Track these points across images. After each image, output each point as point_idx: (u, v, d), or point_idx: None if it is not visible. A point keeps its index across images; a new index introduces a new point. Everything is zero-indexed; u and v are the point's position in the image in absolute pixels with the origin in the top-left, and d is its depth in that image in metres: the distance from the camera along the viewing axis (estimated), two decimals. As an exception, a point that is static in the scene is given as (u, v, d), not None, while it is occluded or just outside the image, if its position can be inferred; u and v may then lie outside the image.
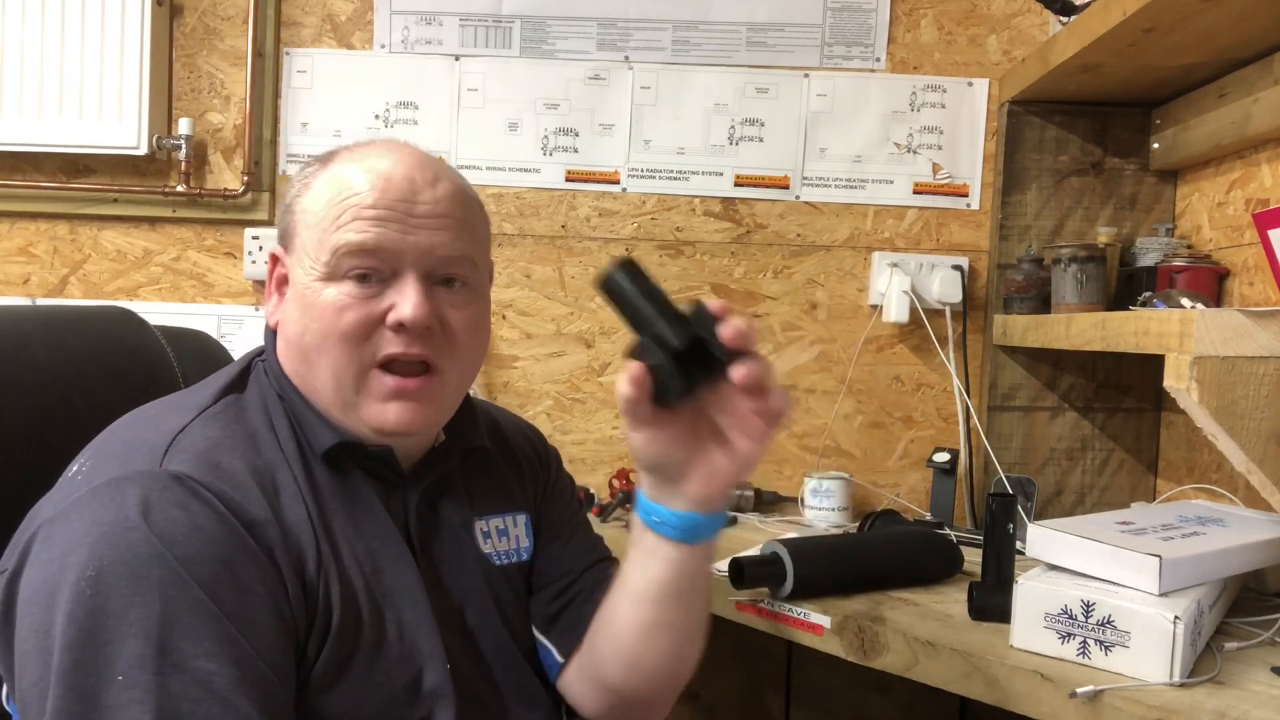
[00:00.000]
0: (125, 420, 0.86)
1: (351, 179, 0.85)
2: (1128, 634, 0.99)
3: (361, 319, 0.83)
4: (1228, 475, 1.50)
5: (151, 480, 0.74)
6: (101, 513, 0.72)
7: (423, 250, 0.84)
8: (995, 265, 1.84)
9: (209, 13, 1.94)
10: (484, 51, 1.93)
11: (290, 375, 0.88)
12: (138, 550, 0.71)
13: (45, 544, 0.73)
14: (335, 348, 0.84)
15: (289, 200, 0.90)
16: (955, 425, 1.89)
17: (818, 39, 1.92)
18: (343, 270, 0.83)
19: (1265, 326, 1.02)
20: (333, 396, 0.85)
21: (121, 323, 1.11)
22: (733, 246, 1.94)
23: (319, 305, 0.83)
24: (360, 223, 0.83)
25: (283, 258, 0.89)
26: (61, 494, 0.77)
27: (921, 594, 1.28)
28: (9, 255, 1.96)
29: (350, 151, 0.89)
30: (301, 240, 0.86)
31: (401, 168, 0.86)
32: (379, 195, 0.84)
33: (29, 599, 0.72)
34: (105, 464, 0.77)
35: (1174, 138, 1.68)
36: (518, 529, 1.01)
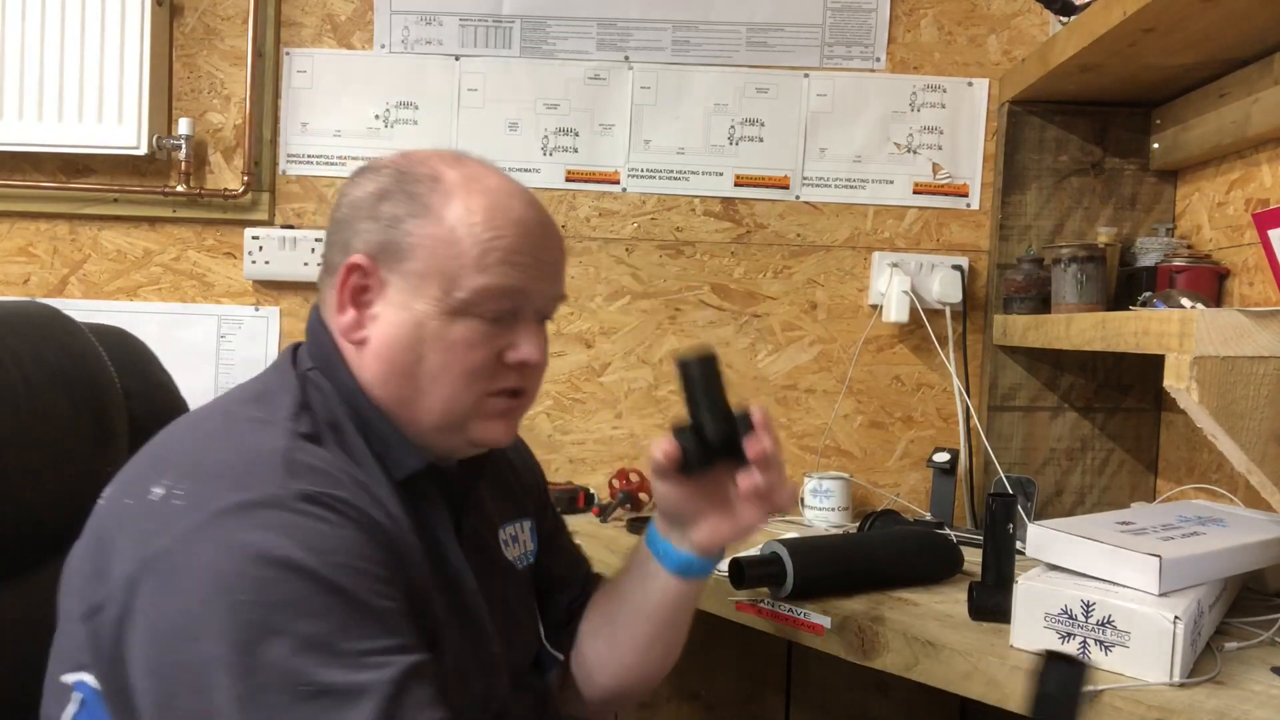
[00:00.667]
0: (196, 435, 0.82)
1: (492, 219, 0.85)
2: (1128, 634, 0.99)
3: (488, 357, 0.87)
4: (1228, 475, 1.50)
5: (285, 499, 0.73)
6: (242, 536, 0.70)
7: (545, 296, 0.90)
8: (995, 265, 1.84)
9: (209, 13, 1.94)
10: (484, 51, 1.93)
11: (380, 397, 0.87)
12: (292, 566, 0.69)
13: (170, 577, 0.70)
14: (459, 381, 0.86)
15: (391, 214, 0.86)
16: (955, 425, 1.89)
17: (818, 39, 1.92)
18: (477, 309, 0.85)
19: (1265, 326, 1.02)
20: (439, 420, 0.87)
21: (50, 321, 1.03)
22: (733, 246, 1.94)
23: (445, 340, 0.85)
24: (505, 267, 0.85)
25: (376, 273, 0.86)
26: (159, 521, 0.73)
27: (921, 594, 1.28)
28: (9, 255, 1.96)
29: (464, 177, 0.87)
30: (423, 267, 0.84)
31: (531, 210, 0.89)
32: (522, 241, 0.86)
33: (168, 635, 0.69)
34: (213, 487, 0.74)
35: (1174, 138, 1.68)
36: (525, 534, 1.05)
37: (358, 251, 0.86)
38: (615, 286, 1.94)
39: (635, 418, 1.95)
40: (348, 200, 0.89)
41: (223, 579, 0.68)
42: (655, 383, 1.94)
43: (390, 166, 0.90)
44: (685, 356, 0.94)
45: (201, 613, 0.68)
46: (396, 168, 0.89)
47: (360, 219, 0.87)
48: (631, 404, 1.95)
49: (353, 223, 0.88)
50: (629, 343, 1.94)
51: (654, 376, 1.94)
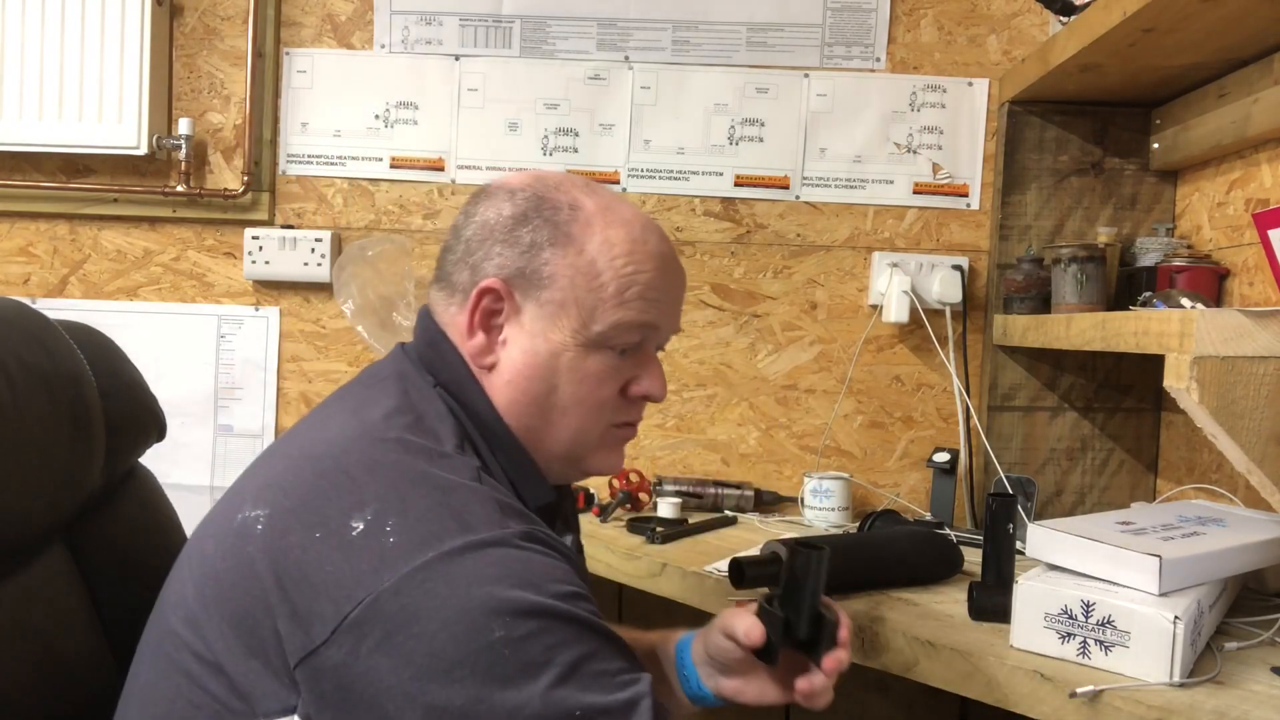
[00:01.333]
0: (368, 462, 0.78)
1: (632, 255, 0.87)
2: (1128, 634, 0.99)
3: (616, 391, 0.89)
4: (1228, 475, 1.50)
5: (511, 539, 0.73)
6: (480, 572, 0.70)
7: (671, 330, 0.93)
8: (995, 265, 1.84)
9: (209, 13, 1.94)
10: (484, 51, 1.93)
11: (514, 424, 0.87)
12: (534, 600, 0.70)
13: (411, 618, 0.68)
14: (589, 413, 0.88)
15: (530, 240, 0.85)
16: (955, 425, 1.89)
17: (818, 39, 1.92)
18: (611, 342, 0.86)
19: (1265, 326, 1.02)
20: (566, 449, 0.89)
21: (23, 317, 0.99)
22: (733, 246, 1.94)
23: (580, 371, 0.86)
24: (642, 303, 0.87)
25: (511, 298, 0.86)
26: (371, 560, 0.70)
27: (921, 594, 1.28)
28: (9, 255, 1.96)
29: (602, 208, 0.88)
30: (562, 297, 0.85)
31: (664, 245, 0.90)
32: (658, 277, 0.88)
33: (418, 678, 0.68)
34: (431, 526, 0.72)
35: (1174, 138, 1.68)
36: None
37: (491, 275, 0.85)
38: (615, 286, 1.94)
39: (635, 418, 1.94)
40: (478, 220, 0.88)
41: (469, 619, 0.68)
42: (655, 383, 1.94)
43: (527, 190, 0.88)
44: (803, 548, 0.94)
45: (455, 655, 0.68)
46: (534, 192, 0.88)
47: (494, 241, 0.86)
48: (631, 404, 1.94)
49: (486, 244, 0.86)
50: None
51: (654, 376, 1.94)
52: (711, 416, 1.95)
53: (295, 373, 1.96)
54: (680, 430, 1.95)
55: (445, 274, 0.90)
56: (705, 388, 1.94)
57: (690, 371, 1.94)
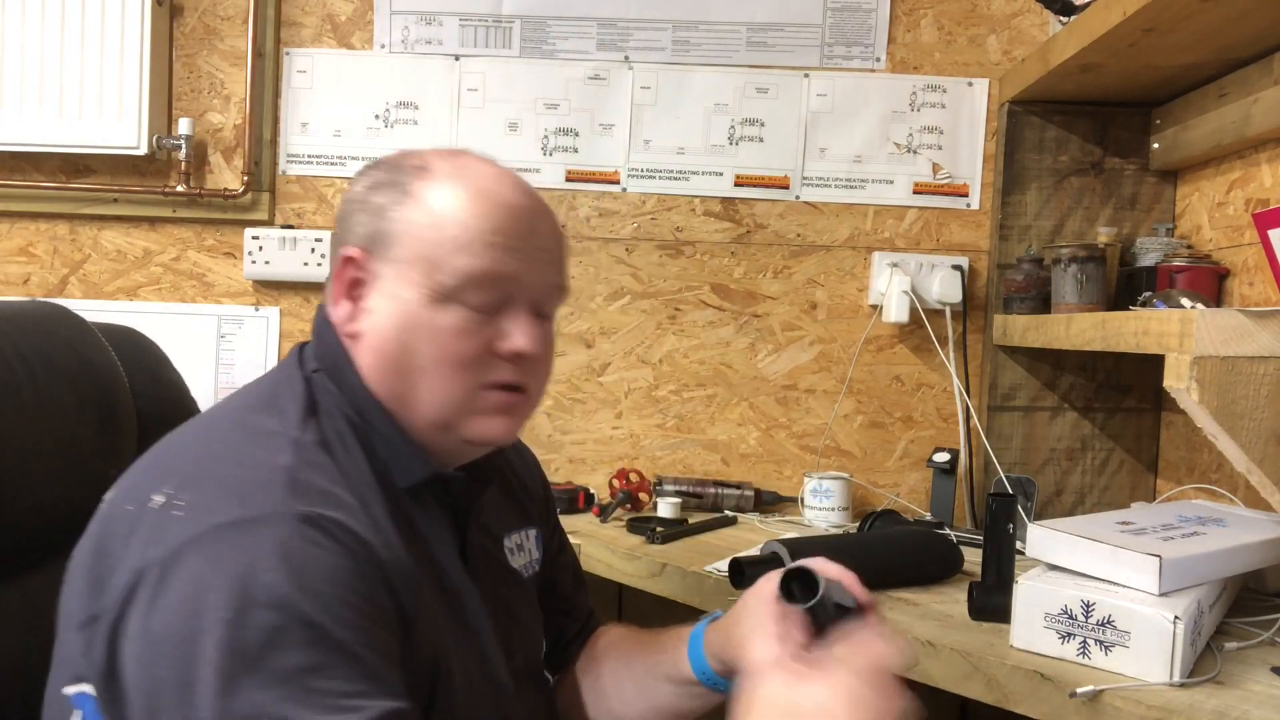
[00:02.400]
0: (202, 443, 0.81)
1: (476, 202, 0.84)
2: (1128, 634, 0.99)
3: (477, 345, 0.84)
4: (1228, 475, 1.50)
5: (283, 521, 0.71)
6: (233, 554, 0.68)
7: (539, 285, 0.86)
8: (995, 265, 1.84)
9: (209, 13, 1.94)
10: (484, 51, 1.93)
11: (382, 394, 0.85)
12: (276, 593, 0.67)
13: (162, 587, 0.69)
14: (450, 372, 0.83)
15: (379, 204, 0.85)
16: (955, 425, 1.89)
17: (818, 39, 1.92)
18: (460, 295, 0.83)
19: (1265, 326, 1.02)
20: (435, 414, 0.84)
21: (60, 321, 1.03)
22: (733, 246, 1.94)
23: (433, 328, 0.82)
24: (491, 250, 0.83)
25: (367, 263, 0.85)
26: (157, 529, 0.72)
27: (921, 594, 1.28)
28: (9, 255, 1.96)
29: (453, 166, 0.87)
30: (406, 253, 0.83)
31: (519, 195, 0.86)
32: (508, 224, 0.84)
33: (155, 646, 0.68)
34: (214, 500, 0.72)
35: (1174, 138, 1.68)
36: (530, 542, 1.04)
37: (350, 244, 0.86)
38: (615, 286, 1.94)
39: (635, 418, 1.95)
40: (346, 197, 0.90)
41: (210, 597, 0.67)
42: (655, 383, 1.94)
43: (386, 161, 0.89)
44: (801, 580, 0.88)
45: (186, 631, 0.67)
46: (391, 162, 0.89)
47: (354, 213, 0.87)
48: (631, 404, 1.95)
49: (348, 217, 0.88)
50: (629, 343, 1.94)
51: (654, 376, 1.94)
52: (711, 416, 1.95)
53: (295, 373, 1.96)
54: (680, 430, 1.95)
55: (330, 258, 0.92)
56: (705, 388, 1.95)
57: (690, 371, 1.94)
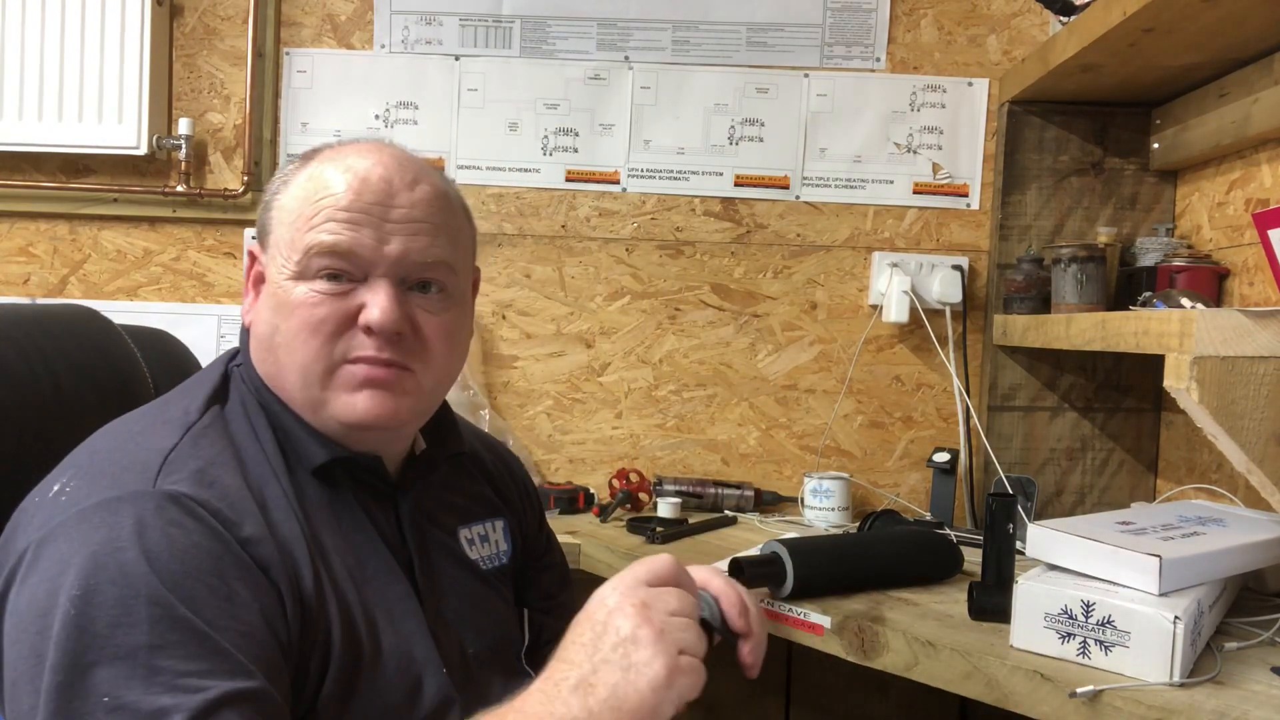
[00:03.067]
0: (105, 436, 0.82)
1: (328, 178, 0.85)
2: (1128, 634, 0.99)
3: (332, 316, 0.83)
4: (1228, 475, 1.50)
5: (146, 499, 0.72)
6: (92, 533, 0.70)
7: (396, 254, 0.84)
8: (995, 265, 1.84)
9: (209, 13, 1.94)
10: (484, 51, 1.93)
11: (264, 377, 0.87)
12: (127, 570, 0.68)
13: (33, 567, 0.71)
14: (305, 344, 0.83)
15: (268, 197, 0.89)
16: (955, 425, 1.89)
17: (818, 39, 1.92)
18: (313, 270, 0.83)
19: (1265, 326, 1.02)
20: (301, 396, 0.84)
21: (86, 322, 1.07)
22: (733, 246, 1.94)
23: (290, 303, 0.83)
24: (333, 224, 0.83)
25: (259, 255, 0.89)
26: (45, 515, 0.74)
27: (921, 594, 1.28)
28: (9, 255, 1.96)
29: (332, 150, 0.89)
30: (276, 238, 0.86)
31: (379, 168, 0.85)
32: (354, 196, 0.83)
33: (18, 624, 0.69)
34: (93, 484, 0.74)
35: (1174, 138, 1.68)
36: (496, 534, 1.03)
37: (254, 239, 0.90)
38: (615, 286, 1.94)
39: (635, 418, 1.95)
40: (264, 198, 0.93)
41: (64, 574, 0.68)
42: (655, 383, 1.94)
43: (293, 158, 0.92)
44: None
45: (43, 607, 0.68)
46: (295, 158, 0.92)
47: (261, 210, 0.91)
48: (631, 404, 1.95)
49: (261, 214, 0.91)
50: (629, 343, 1.94)
51: (654, 376, 1.94)
52: (711, 416, 1.95)
53: (295, 373, 1.96)
54: (680, 430, 1.95)
55: None
56: (705, 388, 1.94)
57: (690, 371, 1.94)
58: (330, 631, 0.78)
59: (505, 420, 1.93)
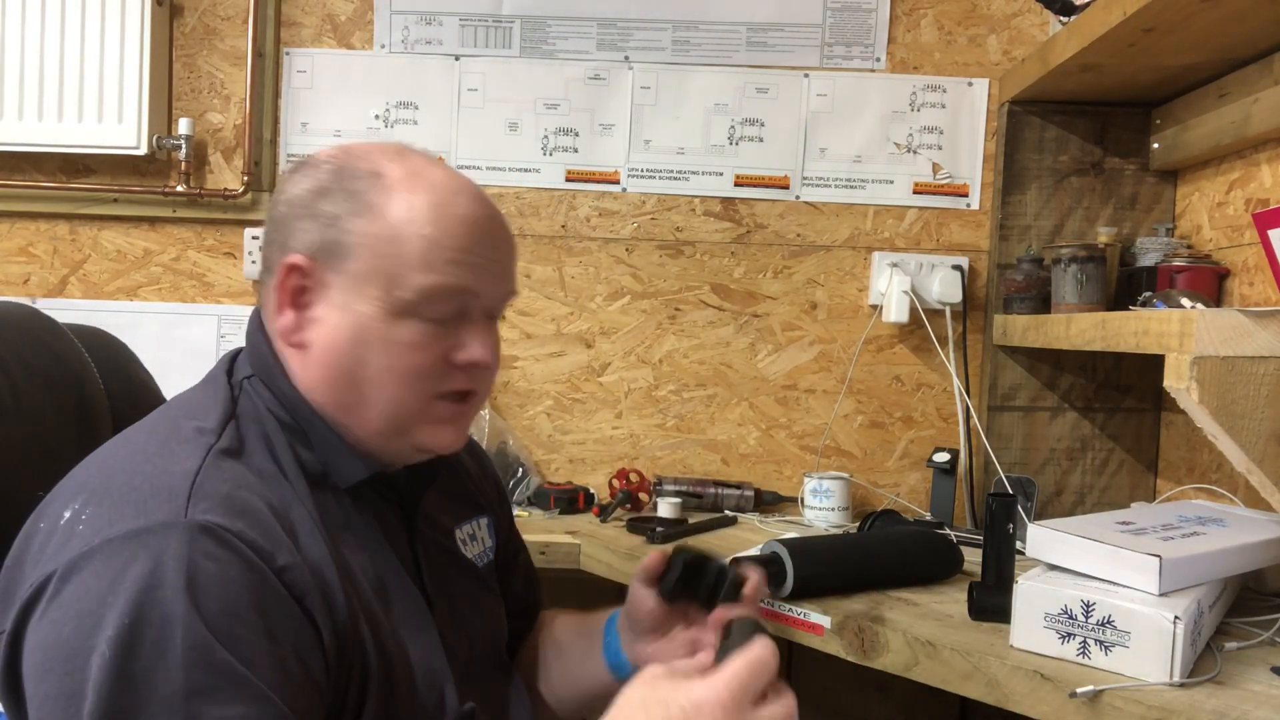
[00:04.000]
0: (114, 456, 0.79)
1: (437, 217, 0.82)
2: (1128, 634, 0.99)
3: (436, 359, 0.83)
4: (1228, 475, 1.50)
5: (179, 532, 0.69)
6: (125, 569, 0.67)
7: (494, 295, 0.87)
8: (995, 265, 1.84)
9: (209, 13, 1.94)
10: (484, 51, 1.93)
11: (323, 403, 0.84)
12: (166, 612, 0.66)
13: (56, 600, 0.68)
14: (402, 383, 0.83)
15: (331, 212, 0.83)
16: (955, 425, 1.89)
17: (818, 39, 1.92)
18: (419, 310, 0.82)
19: (1265, 326, 1.02)
20: (385, 425, 0.84)
21: (33, 322, 1.00)
22: (733, 246, 1.94)
23: (387, 340, 0.81)
24: (454, 266, 0.82)
25: (315, 273, 0.83)
26: (62, 543, 0.70)
27: (921, 594, 1.28)
28: (9, 255, 1.96)
29: (406, 172, 0.84)
30: (363, 266, 0.81)
31: (479, 205, 0.85)
32: (468, 239, 0.83)
33: (44, 660, 0.67)
34: (116, 511, 0.71)
35: (1174, 138, 1.68)
36: (483, 531, 1.04)
37: (296, 251, 0.83)
38: (615, 286, 1.94)
39: (635, 418, 1.95)
40: (285, 197, 0.86)
41: (100, 614, 0.66)
42: (655, 383, 1.94)
43: (329, 162, 0.85)
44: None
45: (75, 646, 0.66)
46: (335, 164, 0.85)
47: (298, 217, 0.84)
48: (631, 404, 1.95)
49: (290, 221, 0.84)
50: (629, 343, 1.94)
51: (654, 376, 1.94)
52: (711, 416, 1.95)
53: (295, 373, 1.96)
54: (680, 430, 1.95)
55: (264, 259, 0.88)
56: (705, 388, 1.94)
57: (690, 371, 1.94)
58: (366, 656, 0.78)
59: (505, 420, 1.93)
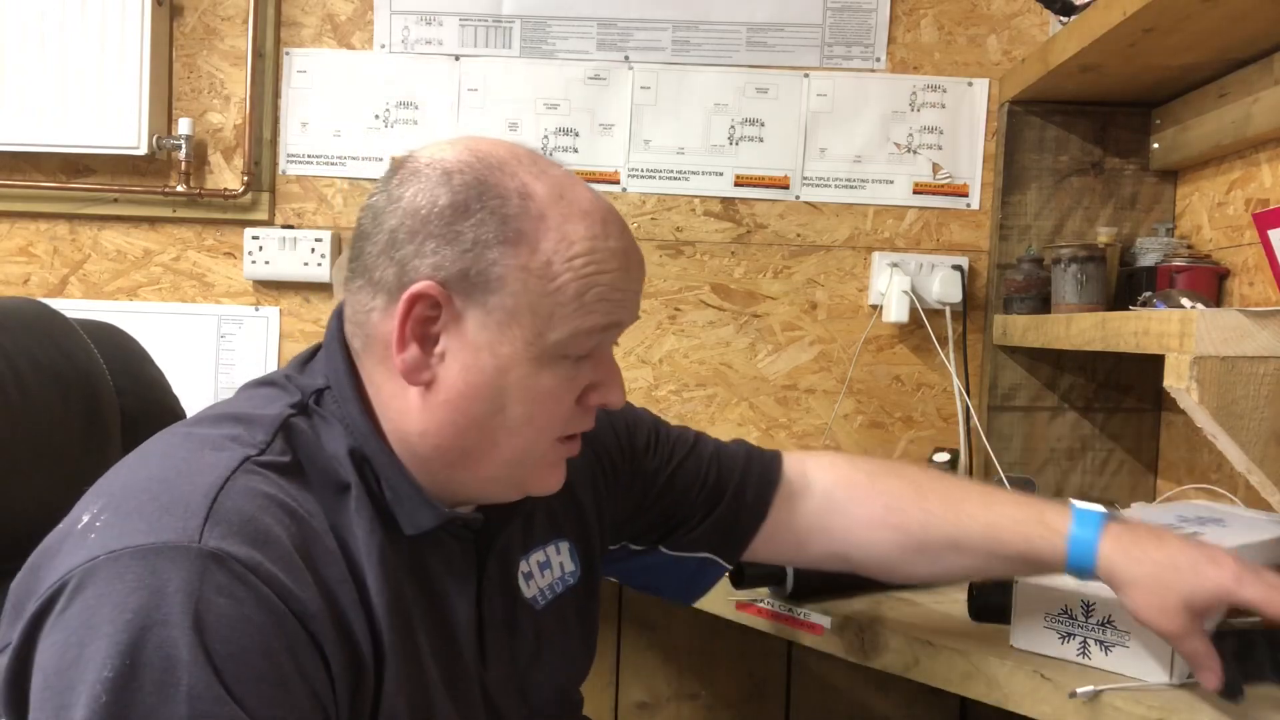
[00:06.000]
0: (146, 458, 0.72)
1: (594, 253, 0.74)
2: (1127, 634, 0.99)
3: (572, 403, 0.77)
4: (1228, 475, 1.50)
5: (188, 560, 0.62)
6: (126, 595, 0.61)
7: (629, 326, 0.81)
8: (995, 265, 1.84)
9: (209, 13, 1.94)
10: (484, 51, 1.93)
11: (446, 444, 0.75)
12: (168, 651, 0.60)
13: (61, 621, 0.62)
14: (539, 433, 0.76)
15: (474, 237, 0.72)
16: (955, 425, 1.89)
17: (818, 39, 1.92)
18: (569, 350, 0.75)
19: (1265, 326, 1.02)
20: (503, 473, 0.77)
21: (39, 317, 0.99)
22: (733, 246, 1.94)
23: (534, 389, 0.74)
24: (604, 304, 0.75)
25: (450, 305, 0.72)
26: (73, 550, 0.64)
27: (921, 594, 1.28)
28: (9, 255, 1.96)
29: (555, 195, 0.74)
30: (514, 303, 0.72)
31: (624, 233, 0.78)
32: (618, 274, 0.76)
33: (44, 682, 0.61)
34: (126, 521, 0.64)
35: (1174, 138, 1.68)
36: (560, 556, 0.93)
37: (426, 277, 0.72)
38: (615, 286, 1.94)
39: (635, 418, 1.94)
40: (406, 207, 0.73)
41: (94, 641, 0.60)
42: (655, 383, 1.94)
43: (466, 172, 0.73)
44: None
45: (70, 676, 0.60)
46: (476, 176, 0.73)
47: (428, 235, 0.72)
48: (631, 404, 1.94)
49: (417, 238, 0.72)
50: (629, 343, 1.94)
51: (654, 376, 1.94)
52: (711, 416, 1.95)
53: (295, 373, 1.96)
54: (680, 430, 1.95)
55: (364, 267, 0.75)
56: (705, 388, 1.94)
57: (690, 371, 1.94)
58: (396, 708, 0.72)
59: (505, 420, 1.93)
